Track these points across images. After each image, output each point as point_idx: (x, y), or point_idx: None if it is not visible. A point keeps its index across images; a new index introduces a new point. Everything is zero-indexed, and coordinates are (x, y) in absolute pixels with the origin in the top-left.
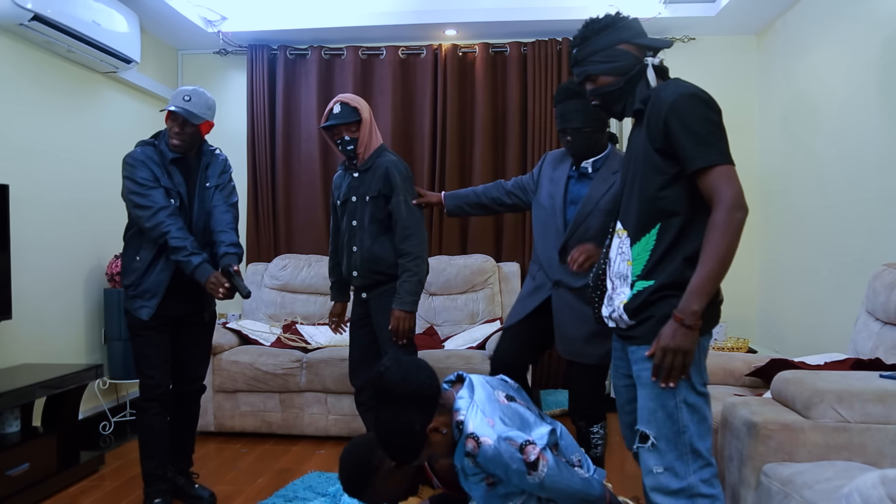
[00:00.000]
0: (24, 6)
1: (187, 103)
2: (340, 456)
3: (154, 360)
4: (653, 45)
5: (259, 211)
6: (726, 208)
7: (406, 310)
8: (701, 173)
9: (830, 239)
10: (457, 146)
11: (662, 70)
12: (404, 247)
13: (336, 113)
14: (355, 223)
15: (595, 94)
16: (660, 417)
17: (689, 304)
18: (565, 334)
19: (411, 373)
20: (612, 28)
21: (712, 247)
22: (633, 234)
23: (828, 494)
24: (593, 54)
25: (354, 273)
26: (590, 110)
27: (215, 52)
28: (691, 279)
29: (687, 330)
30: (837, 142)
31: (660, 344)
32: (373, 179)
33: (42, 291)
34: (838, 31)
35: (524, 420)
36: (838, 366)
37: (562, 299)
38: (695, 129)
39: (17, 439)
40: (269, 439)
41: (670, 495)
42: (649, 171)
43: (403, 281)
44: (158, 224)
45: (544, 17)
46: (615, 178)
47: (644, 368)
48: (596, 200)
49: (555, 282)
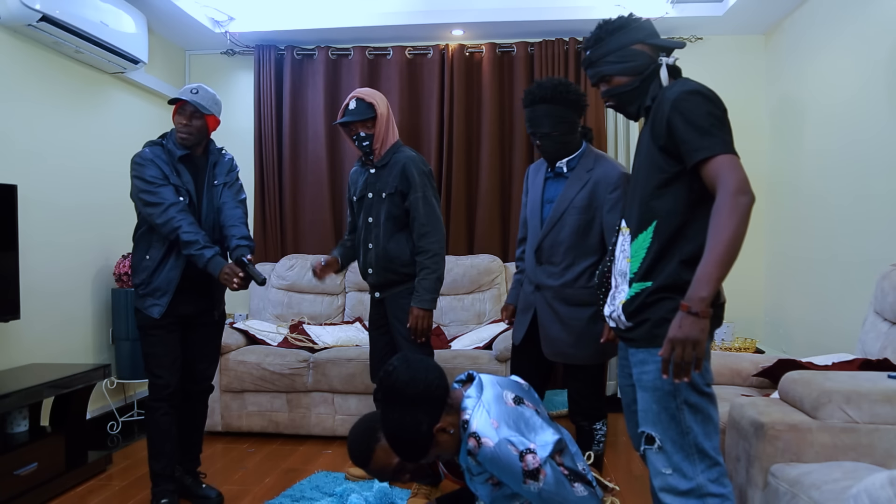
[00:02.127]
0: (32, 7)
1: (195, 95)
2: (350, 429)
3: (164, 360)
4: (666, 45)
5: (266, 211)
6: (729, 192)
7: (425, 308)
8: (704, 164)
9: (838, 239)
10: (464, 146)
11: (675, 70)
12: (422, 244)
13: (351, 109)
14: (371, 220)
15: (609, 94)
16: (663, 419)
17: (696, 290)
18: (549, 336)
19: (419, 373)
20: (627, 29)
21: (716, 231)
22: (633, 232)
23: (836, 495)
24: (607, 55)
25: (369, 270)
26: (558, 114)
27: (222, 52)
28: (697, 267)
29: (695, 318)
30: (845, 142)
31: (668, 336)
32: (389, 176)
33: (50, 291)
34: (846, 31)
35: (530, 424)
36: (846, 366)
37: (544, 302)
38: (697, 122)
39: (25, 439)
40: (276, 439)
41: (680, 496)
42: (651, 169)
43: (422, 278)
44: (169, 220)
45: (551, 17)
46: (589, 176)
47: (643, 371)
48: (570, 198)
49: (535, 285)
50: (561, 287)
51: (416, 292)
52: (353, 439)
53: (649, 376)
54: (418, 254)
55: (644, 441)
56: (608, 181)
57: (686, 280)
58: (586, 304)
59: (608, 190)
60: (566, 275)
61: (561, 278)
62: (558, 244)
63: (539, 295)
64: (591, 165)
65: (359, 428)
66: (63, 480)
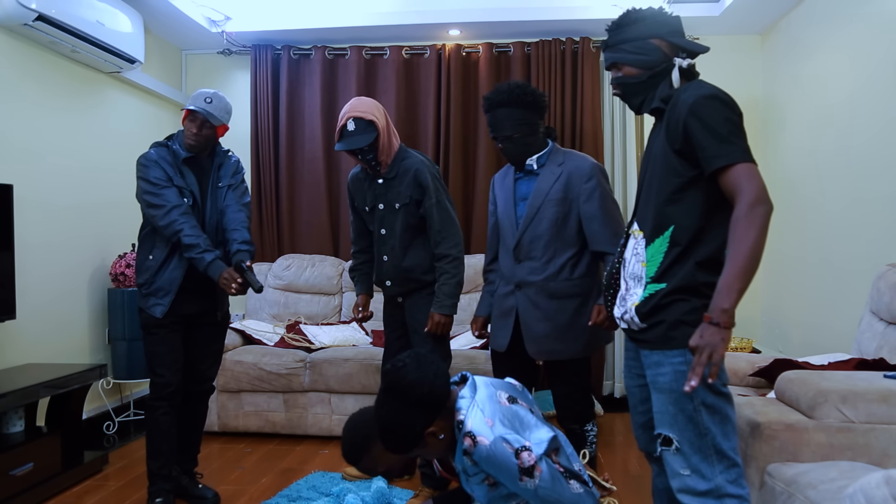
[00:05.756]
0: (28, 6)
1: (208, 105)
2: (345, 423)
3: (165, 359)
4: (688, 47)
5: (263, 211)
6: (748, 203)
7: (445, 313)
8: (722, 172)
9: (834, 239)
10: (460, 146)
11: (692, 73)
12: (441, 250)
13: (350, 131)
14: (384, 231)
15: (616, 82)
16: (681, 421)
17: (719, 302)
18: (533, 335)
19: (427, 376)
20: (648, 21)
21: (737, 242)
22: (648, 236)
23: (832, 495)
24: (623, 43)
25: (388, 283)
26: (518, 116)
27: (219, 52)
28: (720, 277)
29: (716, 328)
30: (841, 142)
31: (689, 344)
32: (401, 186)
33: (46, 291)
34: (842, 31)
35: (524, 423)
36: (842, 366)
37: (526, 300)
38: (715, 128)
39: (21, 439)
40: (273, 439)
41: (698, 496)
42: (666, 173)
43: (442, 283)
44: (172, 222)
45: (548, 17)
46: (561, 170)
47: (659, 374)
48: (545, 192)
49: (516, 284)
50: (545, 281)
51: (436, 298)
52: (347, 437)
53: (665, 378)
54: (437, 259)
55: (661, 443)
56: (581, 172)
57: (701, 282)
58: (571, 297)
59: (583, 181)
60: (549, 268)
61: (544, 272)
62: (538, 238)
63: (521, 294)
64: (562, 160)
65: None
66: (59, 481)
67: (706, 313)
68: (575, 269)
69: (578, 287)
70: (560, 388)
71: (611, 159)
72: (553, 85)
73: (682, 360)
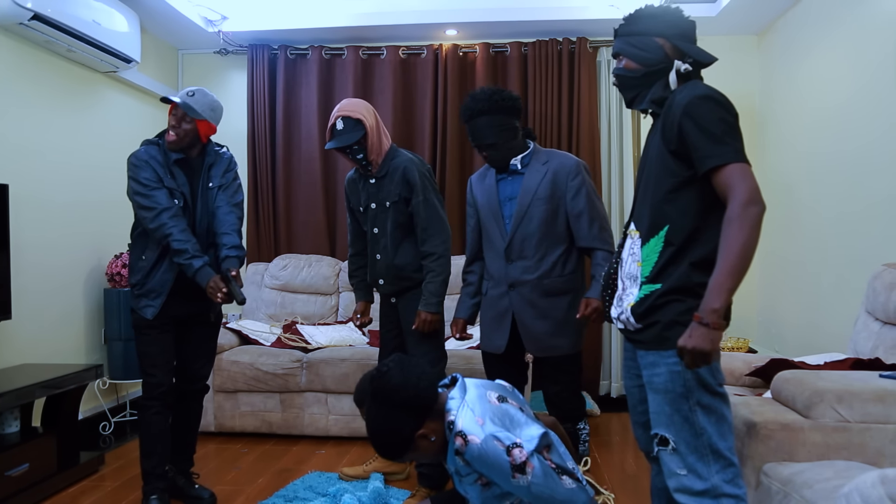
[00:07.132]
0: (24, 5)
1: (189, 98)
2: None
3: (157, 359)
4: (693, 54)
5: (259, 211)
6: (740, 202)
7: (431, 311)
8: (715, 172)
9: (830, 239)
10: (457, 146)
11: (689, 77)
12: (427, 248)
13: (339, 130)
14: (377, 230)
15: (616, 72)
16: (677, 421)
17: (709, 302)
18: (532, 333)
19: (411, 379)
20: (658, 19)
21: (728, 241)
22: (643, 236)
23: (827, 494)
24: (630, 35)
25: (381, 281)
26: (497, 123)
27: (216, 51)
28: (711, 277)
29: (706, 329)
30: (837, 143)
31: (678, 344)
32: (391, 184)
33: (42, 291)
34: (839, 32)
35: (515, 421)
36: (838, 366)
37: (521, 300)
38: (709, 129)
39: (16, 439)
40: (270, 439)
41: (695, 496)
42: (662, 174)
43: (428, 282)
44: (161, 226)
45: (545, 18)
46: (546, 168)
47: (654, 374)
48: (533, 190)
49: (509, 285)
50: (538, 279)
51: (423, 296)
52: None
53: (660, 378)
54: (423, 257)
55: (658, 443)
56: (566, 169)
57: (696, 282)
58: (563, 293)
59: (569, 178)
60: (542, 266)
61: (537, 270)
62: (529, 237)
63: (515, 294)
64: (546, 158)
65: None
66: (55, 481)
67: (696, 313)
68: (566, 266)
69: (570, 283)
70: (551, 388)
71: (607, 160)
72: (550, 85)
73: (676, 361)
